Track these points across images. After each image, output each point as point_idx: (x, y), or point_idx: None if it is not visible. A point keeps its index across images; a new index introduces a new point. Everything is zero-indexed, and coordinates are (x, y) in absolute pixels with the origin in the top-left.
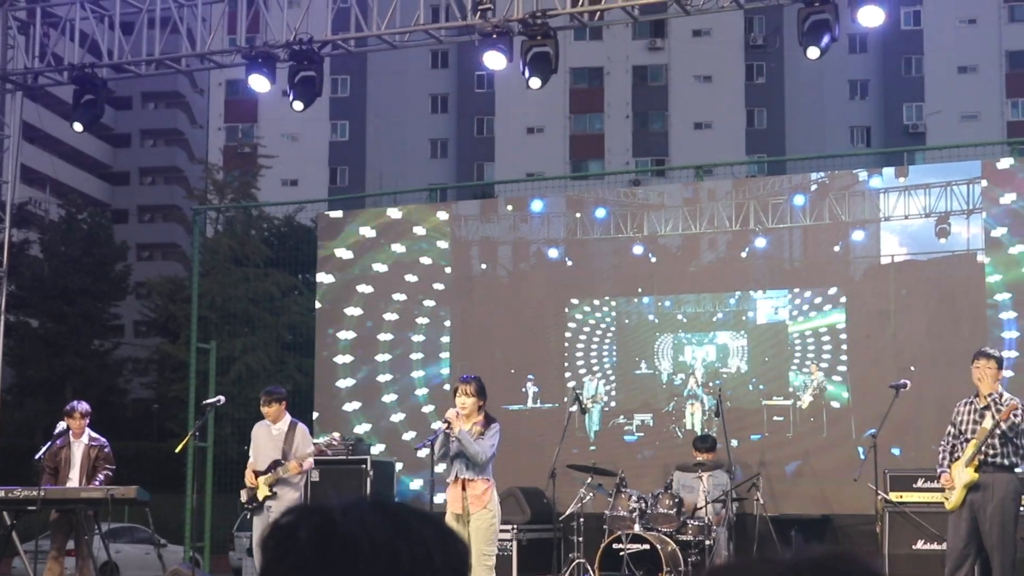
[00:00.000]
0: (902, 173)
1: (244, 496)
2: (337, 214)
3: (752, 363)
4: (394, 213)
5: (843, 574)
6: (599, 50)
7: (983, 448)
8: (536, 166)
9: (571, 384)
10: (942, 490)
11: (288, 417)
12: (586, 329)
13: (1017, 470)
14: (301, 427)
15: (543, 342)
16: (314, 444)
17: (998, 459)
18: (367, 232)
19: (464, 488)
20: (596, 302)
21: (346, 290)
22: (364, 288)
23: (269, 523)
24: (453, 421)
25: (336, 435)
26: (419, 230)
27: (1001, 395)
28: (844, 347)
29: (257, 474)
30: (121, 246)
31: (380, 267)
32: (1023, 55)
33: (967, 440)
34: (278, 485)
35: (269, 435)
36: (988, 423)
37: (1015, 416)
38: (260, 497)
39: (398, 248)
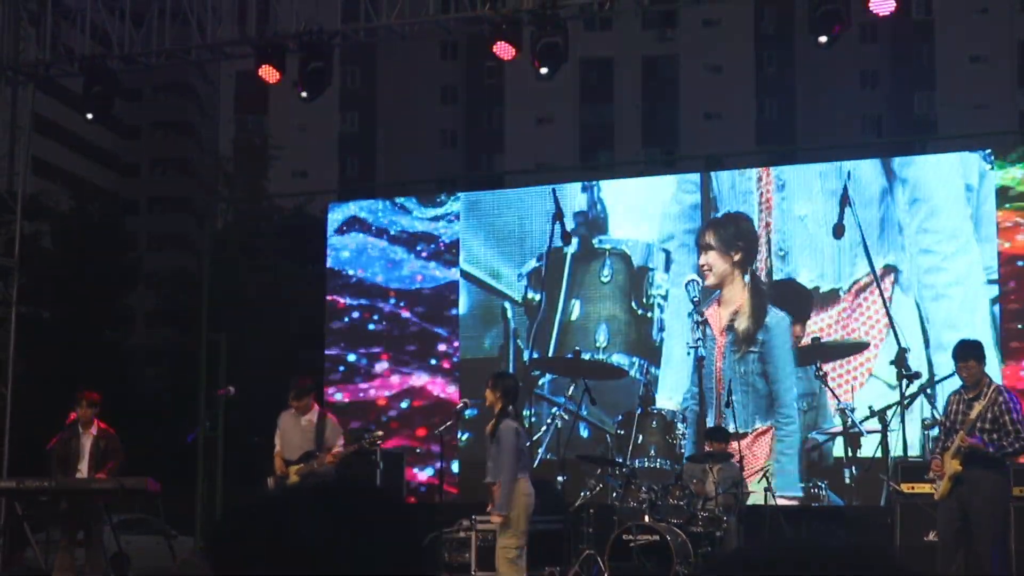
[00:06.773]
0: None
1: (272, 484)
2: (347, 205)
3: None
4: (404, 204)
5: (873, 569)
6: (609, 40)
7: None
8: (546, 156)
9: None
10: (934, 480)
11: (316, 408)
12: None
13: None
14: (331, 418)
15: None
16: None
17: (986, 452)
18: (376, 223)
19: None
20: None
21: (354, 280)
22: (373, 278)
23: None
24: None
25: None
26: (429, 220)
27: (999, 391)
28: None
29: (287, 463)
30: (132, 237)
31: (389, 257)
32: None
33: (957, 431)
34: (310, 477)
35: (298, 425)
36: (974, 414)
37: (1011, 412)
38: None
39: (408, 238)
